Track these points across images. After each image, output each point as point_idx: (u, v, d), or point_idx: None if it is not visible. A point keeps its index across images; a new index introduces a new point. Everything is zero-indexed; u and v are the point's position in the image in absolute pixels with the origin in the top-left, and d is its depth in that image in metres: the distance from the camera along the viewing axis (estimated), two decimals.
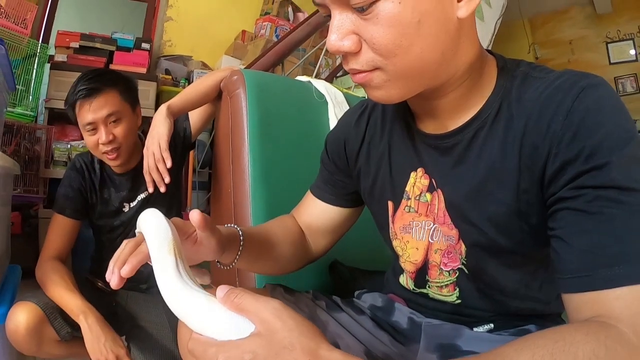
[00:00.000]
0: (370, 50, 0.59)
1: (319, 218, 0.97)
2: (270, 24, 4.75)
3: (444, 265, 0.77)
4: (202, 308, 0.50)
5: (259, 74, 1.42)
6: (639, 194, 0.53)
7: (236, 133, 1.26)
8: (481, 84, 0.69)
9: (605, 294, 0.51)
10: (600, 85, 0.60)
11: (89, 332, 1.27)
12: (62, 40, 3.58)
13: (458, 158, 0.71)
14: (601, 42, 6.42)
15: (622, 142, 0.55)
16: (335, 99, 1.47)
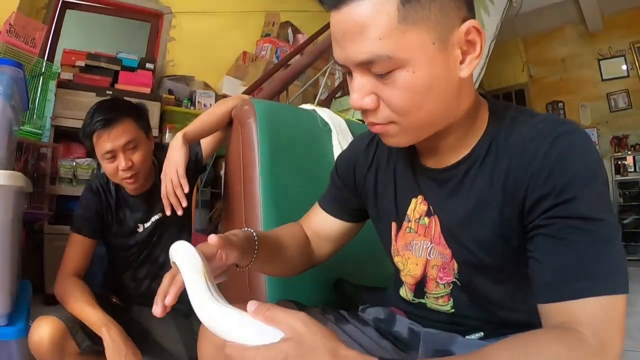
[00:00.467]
0: (387, 108, 0.70)
1: (324, 228, 1.08)
2: (271, 45, 4.88)
3: (439, 279, 0.88)
4: (235, 320, 0.60)
5: (268, 104, 1.52)
6: (600, 222, 0.64)
7: (247, 160, 1.35)
8: (475, 126, 0.80)
9: (571, 304, 0.62)
10: (574, 132, 0.70)
11: (110, 343, 1.34)
12: (67, 58, 3.66)
13: (452, 190, 0.82)
14: (593, 59, 6.63)
15: (588, 181, 0.66)
16: (339, 127, 1.58)
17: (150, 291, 1.69)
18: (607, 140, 6.47)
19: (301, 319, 0.57)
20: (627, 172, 6.28)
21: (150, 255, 1.69)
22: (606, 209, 0.66)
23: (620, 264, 0.63)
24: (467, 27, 0.68)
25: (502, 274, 0.78)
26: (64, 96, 3.39)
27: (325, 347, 0.56)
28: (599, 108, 6.58)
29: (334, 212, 1.07)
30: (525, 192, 0.71)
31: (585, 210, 0.65)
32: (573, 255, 0.64)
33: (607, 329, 0.59)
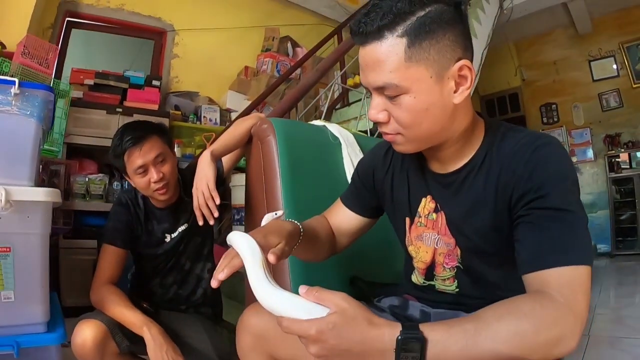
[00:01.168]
0: (395, 122, 0.91)
1: (344, 222, 1.26)
2: (272, 59, 4.99)
3: (445, 264, 1.06)
4: (290, 301, 0.75)
5: (284, 122, 1.66)
6: (569, 212, 0.83)
7: (269, 175, 1.48)
8: (472, 140, 0.99)
9: (544, 272, 0.79)
10: (549, 145, 0.89)
11: (152, 341, 1.47)
12: (76, 77, 3.77)
13: (455, 190, 1.01)
14: (584, 61, 6.73)
15: (559, 181, 0.85)
16: (348, 140, 1.72)
17: (178, 297, 1.83)
18: (600, 139, 6.57)
19: (343, 297, 0.74)
20: (621, 169, 6.36)
21: (178, 263, 1.82)
22: (574, 203, 0.84)
23: (584, 243, 0.81)
24: (459, 65, 0.87)
25: (497, 258, 0.96)
26: (74, 114, 3.50)
27: (362, 316, 0.73)
28: (591, 108, 6.69)
29: (353, 207, 1.26)
30: (512, 191, 0.89)
31: (557, 203, 0.83)
32: (546, 236, 0.82)
33: (573, 291, 0.76)
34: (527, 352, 0.72)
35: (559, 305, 0.75)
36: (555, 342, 0.72)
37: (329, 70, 3.15)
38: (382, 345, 0.72)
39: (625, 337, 2.81)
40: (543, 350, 0.72)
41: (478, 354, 0.72)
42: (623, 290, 4.40)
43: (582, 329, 0.75)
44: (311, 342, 0.72)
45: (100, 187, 3.47)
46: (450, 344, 0.72)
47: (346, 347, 0.72)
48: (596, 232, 6.30)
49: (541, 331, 0.72)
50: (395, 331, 0.72)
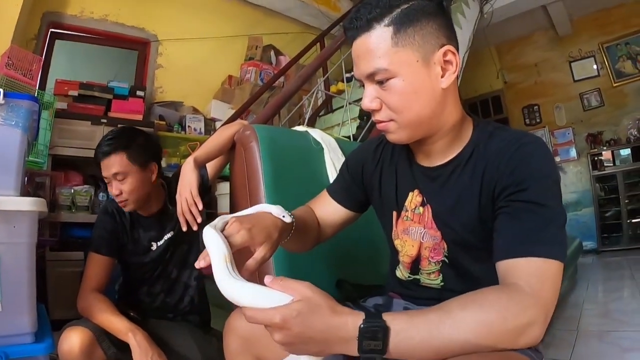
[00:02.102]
0: (387, 108, 0.95)
1: (330, 213, 1.28)
2: (255, 68, 5.02)
3: (431, 257, 1.08)
4: (253, 290, 0.76)
5: (267, 128, 1.67)
6: (546, 207, 0.85)
7: (253, 181, 1.50)
8: (460, 136, 1.03)
9: (515, 261, 0.82)
10: (533, 143, 0.93)
11: (137, 347, 1.48)
12: (60, 88, 3.75)
13: (441, 184, 1.04)
14: (564, 62, 6.86)
15: (540, 178, 0.88)
16: (330, 145, 1.74)
17: (165, 305, 1.83)
18: (582, 138, 6.67)
19: (308, 286, 0.77)
20: (604, 167, 6.45)
21: (164, 271, 1.82)
22: (554, 199, 0.87)
23: (557, 240, 0.83)
24: (444, 50, 0.93)
25: (482, 252, 0.97)
26: (59, 125, 3.46)
27: (326, 304, 0.76)
28: (572, 108, 6.79)
29: (340, 200, 1.28)
30: (495, 185, 0.92)
31: (535, 197, 0.86)
32: (521, 227, 0.84)
33: (541, 281, 0.78)
34: (492, 341, 0.73)
35: (525, 295, 0.76)
36: (520, 331, 0.74)
37: (311, 76, 3.17)
38: (345, 334, 0.74)
39: (614, 331, 2.84)
40: (508, 339, 0.74)
41: (442, 343, 0.74)
42: (610, 285, 4.44)
43: (547, 319, 0.77)
44: (276, 329, 0.73)
45: (86, 199, 3.44)
46: (413, 333, 0.74)
47: (310, 335, 0.73)
48: (582, 229, 6.38)
49: (507, 320, 0.73)
50: (358, 319, 0.74)
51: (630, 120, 6.30)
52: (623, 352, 2.47)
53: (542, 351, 0.94)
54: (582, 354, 2.52)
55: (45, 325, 1.70)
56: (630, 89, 6.33)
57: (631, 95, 6.32)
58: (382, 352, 0.74)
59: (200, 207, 1.56)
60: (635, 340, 2.60)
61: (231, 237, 0.91)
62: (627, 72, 6.36)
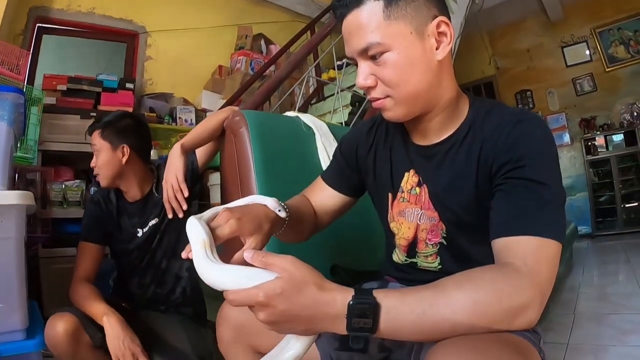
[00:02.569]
0: (382, 84, 0.92)
1: (325, 201, 1.24)
2: (245, 57, 5.00)
3: (428, 240, 1.05)
4: (232, 272, 0.73)
5: (256, 114, 1.65)
6: (545, 186, 0.82)
7: (243, 167, 1.47)
8: (457, 114, 1.00)
9: (511, 239, 0.79)
10: (532, 121, 0.90)
11: (110, 330, 1.48)
12: (49, 83, 3.71)
13: (438, 163, 1.01)
14: (557, 47, 6.82)
15: (538, 155, 0.85)
16: (321, 130, 1.71)
17: (157, 296, 1.82)
18: (576, 123, 6.66)
19: (291, 260, 0.73)
20: (597, 152, 6.46)
21: (153, 260, 1.81)
22: (552, 178, 0.84)
23: (556, 219, 0.81)
24: (437, 21, 0.90)
25: (481, 233, 0.93)
26: (48, 120, 3.42)
27: (312, 280, 0.72)
28: (565, 93, 6.77)
29: (335, 185, 1.24)
30: (492, 162, 0.90)
31: (533, 175, 0.83)
32: (518, 204, 0.82)
33: (538, 261, 0.75)
34: (487, 322, 0.70)
35: (521, 275, 0.74)
36: (515, 312, 0.71)
37: (301, 62, 3.14)
38: (334, 311, 0.71)
39: (611, 314, 2.84)
40: (503, 321, 0.71)
41: (435, 322, 0.71)
42: (606, 269, 4.46)
43: (544, 301, 0.74)
44: (260, 308, 0.70)
45: (77, 194, 3.40)
46: (405, 311, 0.71)
47: (296, 312, 0.70)
48: (576, 214, 6.39)
49: (502, 301, 0.71)
50: (347, 296, 0.71)
51: (623, 105, 6.28)
52: (621, 334, 2.46)
53: (540, 332, 0.92)
54: (580, 337, 2.52)
55: (37, 322, 1.69)
56: (623, 73, 6.31)
57: (624, 80, 6.30)
58: (371, 330, 0.71)
59: (186, 194, 1.56)
60: (633, 323, 2.60)
61: (219, 227, 0.87)
62: (620, 57, 6.34)
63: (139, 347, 1.48)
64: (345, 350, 1.06)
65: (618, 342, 2.37)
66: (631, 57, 6.24)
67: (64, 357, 1.47)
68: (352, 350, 1.08)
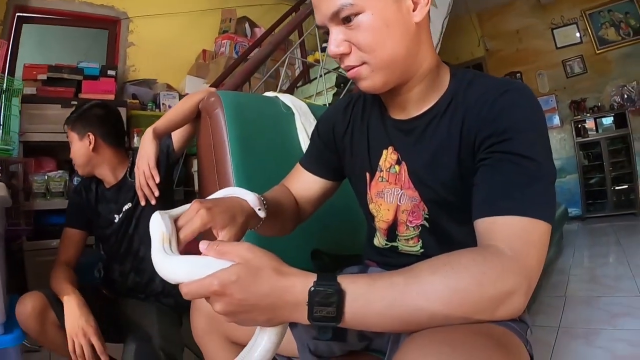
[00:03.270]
0: (357, 50, 0.84)
1: (306, 188, 1.17)
2: (230, 41, 4.91)
3: (409, 222, 0.99)
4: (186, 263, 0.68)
5: (233, 94, 1.58)
6: (533, 161, 0.75)
7: (219, 149, 1.41)
8: (437, 84, 0.93)
9: (495, 219, 0.72)
10: (520, 90, 0.83)
11: (68, 310, 1.48)
12: (29, 73, 3.65)
13: (417, 138, 0.94)
14: (547, 29, 6.78)
15: (525, 127, 0.78)
16: (301, 110, 1.65)
17: (137, 285, 1.82)
18: (566, 105, 6.66)
19: (247, 247, 0.68)
20: (587, 134, 6.48)
21: (130, 247, 1.81)
22: (541, 153, 0.77)
23: (544, 198, 0.74)
24: None
25: (465, 214, 0.85)
26: (28, 111, 3.37)
27: (270, 265, 0.66)
28: (555, 75, 6.75)
29: (315, 170, 1.17)
30: (476, 134, 0.83)
31: (520, 149, 0.76)
32: (503, 181, 0.75)
33: (524, 244, 0.68)
34: (466, 312, 0.63)
35: (505, 258, 0.66)
36: (498, 300, 0.64)
37: (283, 42, 3.06)
38: (293, 298, 0.65)
39: (602, 296, 2.85)
40: (484, 310, 0.64)
41: (407, 312, 0.64)
42: (596, 251, 4.47)
43: (531, 288, 0.67)
44: (216, 298, 0.65)
45: (61, 185, 3.35)
46: (373, 299, 0.65)
47: (254, 301, 0.64)
48: (566, 196, 6.40)
49: (483, 287, 0.63)
50: (309, 282, 0.65)
51: (613, 88, 6.28)
52: (612, 317, 2.47)
53: (527, 321, 0.86)
54: (571, 320, 2.52)
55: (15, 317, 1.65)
56: (613, 55, 6.29)
57: (615, 62, 6.28)
58: (336, 320, 0.65)
59: (157, 180, 1.55)
60: (624, 305, 2.61)
61: (190, 220, 0.80)
62: (611, 39, 6.31)
63: (92, 328, 1.47)
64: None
65: (609, 325, 2.38)
66: (622, 39, 6.22)
67: (32, 334, 1.52)
68: (330, 340, 1.04)
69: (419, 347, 0.61)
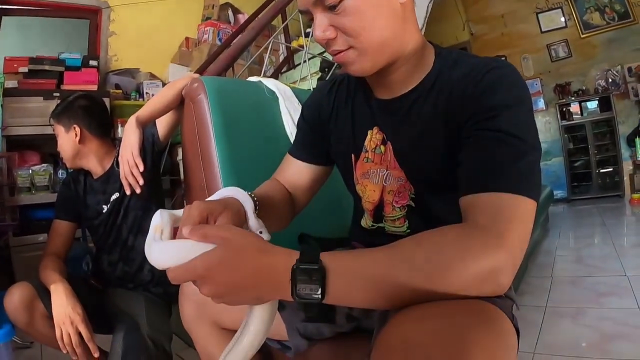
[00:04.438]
0: (343, 35, 0.82)
1: (298, 177, 1.16)
2: (213, 28, 4.87)
3: (395, 202, 0.99)
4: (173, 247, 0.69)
5: (216, 79, 1.57)
6: (518, 139, 0.75)
7: (203, 134, 1.40)
8: (422, 63, 0.92)
9: (480, 196, 0.72)
10: (505, 68, 0.83)
11: (56, 298, 1.46)
12: (10, 66, 3.60)
13: (402, 117, 0.94)
14: (531, 13, 6.79)
15: (511, 104, 0.78)
16: (285, 94, 1.65)
17: (125, 274, 1.81)
18: (550, 89, 6.71)
19: (228, 228, 0.69)
20: (572, 117, 6.53)
21: (119, 237, 1.80)
22: (527, 131, 0.77)
23: (530, 175, 0.74)
24: None
25: (451, 193, 0.85)
26: (10, 105, 3.33)
27: (252, 245, 0.67)
28: (540, 59, 6.79)
29: (305, 157, 1.16)
30: (462, 112, 0.82)
31: (506, 126, 0.76)
32: (489, 158, 0.75)
33: (509, 222, 0.68)
34: (449, 287, 0.63)
35: (489, 235, 0.66)
36: (483, 277, 0.63)
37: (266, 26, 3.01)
38: (277, 276, 0.65)
39: (588, 276, 2.89)
40: (470, 286, 0.63)
41: (391, 287, 0.64)
42: (581, 232, 4.52)
43: (516, 265, 0.67)
44: (202, 282, 0.65)
45: (45, 178, 3.33)
46: (356, 276, 0.65)
47: (238, 281, 0.64)
48: (552, 179, 6.48)
49: (466, 263, 0.63)
50: (291, 260, 0.65)
51: (598, 71, 6.33)
52: (598, 296, 2.50)
53: (513, 297, 0.87)
54: (558, 300, 2.55)
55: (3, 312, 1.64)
56: (598, 40, 6.33)
57: (600, 47, 6.32)
58: (320, 297, 0.64)
59: (142, 169, 1.54)
60: (609, 285, 2.65)
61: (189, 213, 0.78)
62: (595, 23, 6.34)
63: (79, 316, 1.45)
64: (312, 321, 1.01)
65: (595, 304, 2.41)
66: (606, 23, 6.24)
67: (20, 325, 1.51)
68: (319, 322, 1.04)
69: (406, 321, 0.61)
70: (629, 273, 2.81)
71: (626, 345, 1.88)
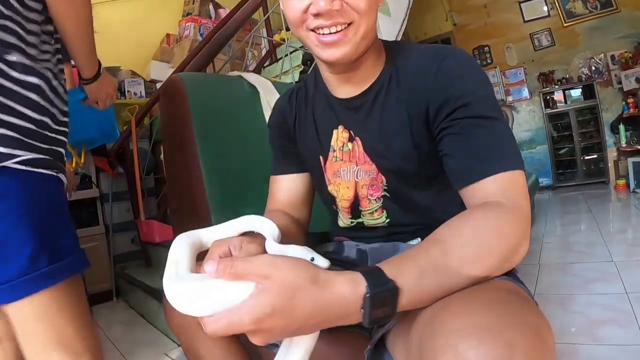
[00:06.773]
0: (350, 9, 0.81)
1: (291, 192, 1.12)
2: (194, 23, 4.81)
3: (370, 195, 0.99)
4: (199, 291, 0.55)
5: (195, 76, 1.55)
6: (493, 120, 0.79)
7: (184, 133, 1.37)
8: (378, 59, 0.94)
9: (482, 182, 0.75)
10: (459, 54, 0.86)
11: None
12: None
13: (366, 113, 0.95)
14: (514, 3, 6.78)
15: (477, 89, 0.81)
16: (266, 87, 1.63)
17: None
18: (534, 77, 6.71)
19: (266, 263, 0.57)
20: (556, 105, 6.56)
21: None
22: (496, 110, 0.81)
23: (514, 149, 0.79)
24: None
25: (422, 179, 0.90)
26: None
27: (304, 278, 0.56)
28: (523, 48, 6.80)
29: (289, 170, 1.13)
30: (427, 104, 0.85)
31: (480, 111, 0.79)
32: (476, 145, 0.78)
33: (516, 195, 0.73)
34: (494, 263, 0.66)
35: (510, 209, 0.71)
36: (515, 247, 0.69)
37: (247, 20, 2.96)
38: (345, 309, 0.57)
39: (575, 262, 2.90)
40: (507, 258, 0.68)
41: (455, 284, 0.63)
42: (568, 219, 4.54)
43: (529, 231, 0.72)
44: (252, 334, 0.55)
45: None
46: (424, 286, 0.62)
47: (299, 325, 0.56)
48: (536, 166, 6.54)
49: (502, 237, 0.67)
50: (359, 287, 0.58)
51: (581, 60, 6.35)
52: (586, 282, 2.51)
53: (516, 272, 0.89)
54: (546, 287, 2.56)
55: None
56: (581, 28, 6.34)
57: (582, 35, 6.33)
58: (391, 316, 0.60)
59: None
60: (597, 271, 2.66)
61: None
62: (578, 12, 6.34)
63: None
64: None
65: (583, 290, 2.42)
66: (589, 12, 6.25)
67: None
68: None
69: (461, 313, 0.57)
70: (615, 259, 2.83)
71: (615, 330, 1.89)
